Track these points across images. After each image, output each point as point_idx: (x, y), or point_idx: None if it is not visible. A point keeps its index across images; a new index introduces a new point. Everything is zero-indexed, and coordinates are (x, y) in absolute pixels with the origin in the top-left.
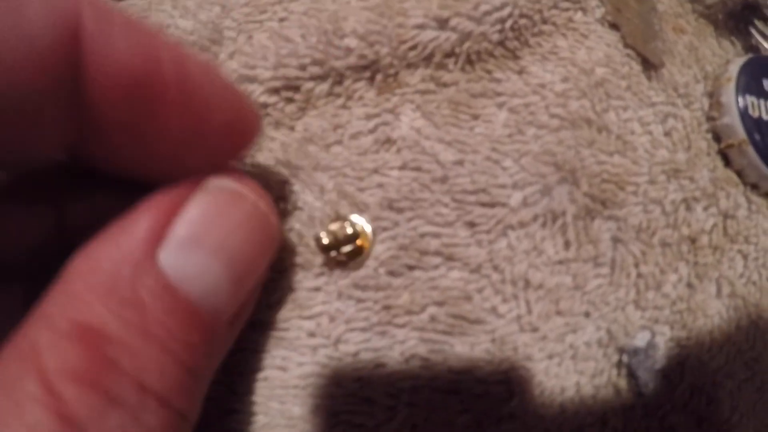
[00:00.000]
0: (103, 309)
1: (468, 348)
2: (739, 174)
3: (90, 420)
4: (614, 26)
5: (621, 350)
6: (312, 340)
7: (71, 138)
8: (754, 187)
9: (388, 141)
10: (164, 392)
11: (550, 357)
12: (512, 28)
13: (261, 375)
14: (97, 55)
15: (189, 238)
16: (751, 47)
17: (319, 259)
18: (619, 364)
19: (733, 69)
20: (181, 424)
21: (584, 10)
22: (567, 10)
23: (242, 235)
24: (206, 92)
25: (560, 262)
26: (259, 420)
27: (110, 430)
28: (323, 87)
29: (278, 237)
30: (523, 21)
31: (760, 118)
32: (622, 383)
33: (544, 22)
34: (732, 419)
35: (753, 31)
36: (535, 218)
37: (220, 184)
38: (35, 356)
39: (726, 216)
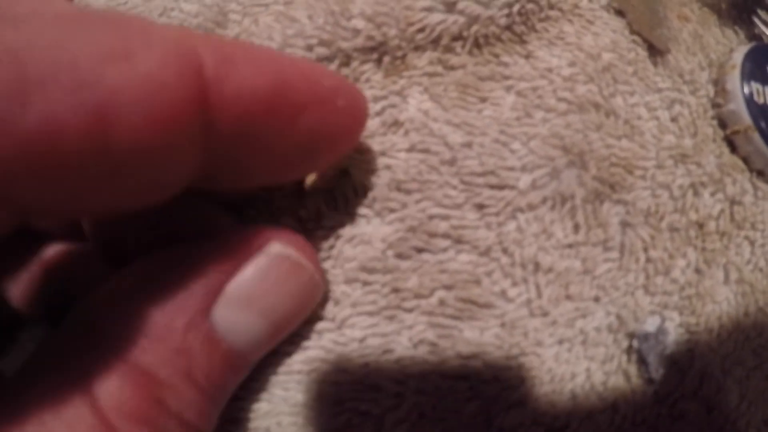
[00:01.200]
0: (157, 355)
1: (477, 333)
2: (745, 160)
3: None
4: (620, 13)
5: (631, 335)
6: (317, 323)
7: (201, 172)
8: (760, 173)
9: (396, 123)
10: (201, 424)
11: (560, 342)
12: (519, 13)
13: (264, 361)
14: (223, 92)
15: (243, 299)
16: (754, 36)
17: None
18: (629, 350)
19: (738, 56)
20: None
21: None
22: None
23: (290, 302)
24: (334, 96)
25: (570, 246)
26: (262, 407)
27: None
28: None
29: (320, 297)
30: (530, 6)
31: (765, 105)
32: (632, 369)
33: (551, 7)
34: (741, 407)
35: (756, 20)
36: (544, 201)
37: (281, 251)
38: (87, 384)
39: (733, 202)
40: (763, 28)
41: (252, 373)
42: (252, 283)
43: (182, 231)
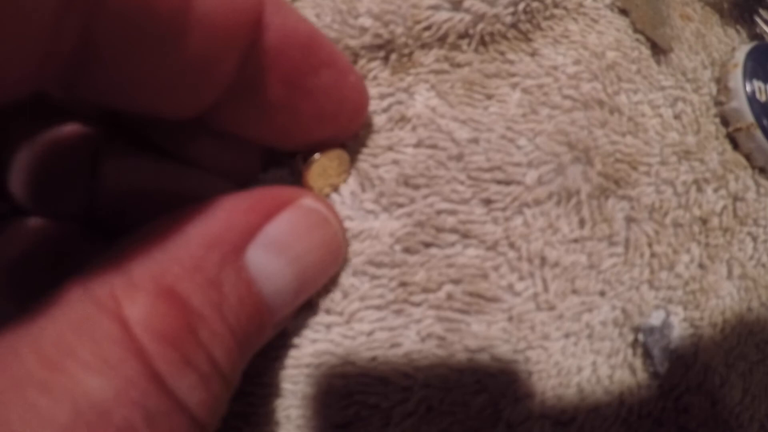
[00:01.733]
0: (190, 282)
1: (485, 326)
2: (748, 157)
3: (169, 375)
4: (623, 12)
5: (636, 329)
6: (326, 317)
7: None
8: (762, 170)
9: (403, 119)
10: (226, 369)
11: (567, 336)
12: (525, 11)
13: (273, 354)
14: (279, 25)
15: (275, 244)
16: (756, 36)
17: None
18: (634, 344)
19: (740, 55)
20: (228, 394)
21: None
22: None
23: (317, 255)
24: (346, 64)
25: (575, 241)
26: (271, 401)
27: (184, 390)
28: None
29: (343, 260)
30: (535, 4)
31: (767, 102)
32: (638, 363)
33: (556, 6)
34: (744, 400)
35: (758, 19)
36: (550, 196)
37: (312, 205)
38: (114, 305)
39: (735, 198)
40: (764, 27)
41: (261, 367)
42: (285, 229)
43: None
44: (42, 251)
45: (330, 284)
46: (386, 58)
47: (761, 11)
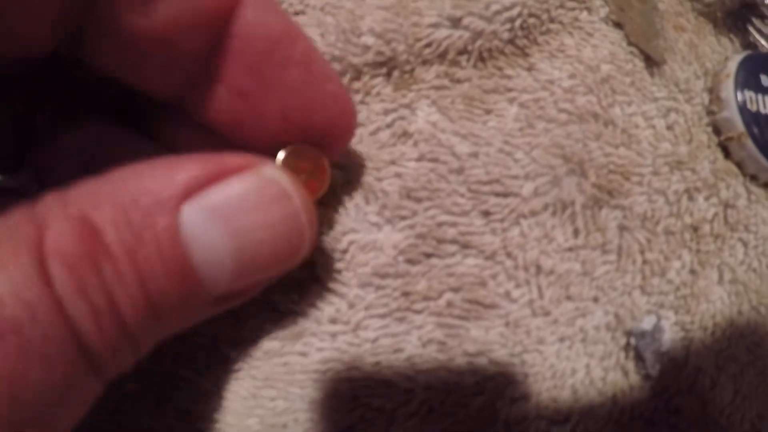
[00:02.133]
0: (108, 218)
1: (483, 332)
2: (739, 165)
3: (63, 294)
4: (618, 25)
5: (628, 333)
6: (332, 326)
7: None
8: (753, 177)
9: (405, 134)
10: (129, 318)
11: (561, 340)
12: (521, 27)
13: (281, 360)
14: (250, 18)
15: (216, 209)
16: (749, 44)
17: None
18: (626, 347)
19: (732, 65)
20: (129, 351)
21: (589, 10)
22: (573, 9)
23: (267, 233)
24: (325, 72)
25: (570, 249)
26: (279, 405)
27: (75, 313)
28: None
29: (303, 252)
30: (531, 20)
31: (758, 112)
32: (630, 365)
33: (552, 21)
34: (735, 401)
35: (751, 29)
36: (545, 207)
37: (272, 175)
38: (42, 219)
39: (726, 205)
40: (757, 36)
41: (268, 372)
42: (232, 196)
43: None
44: None
45: (333, 296)
46: (389, 75)
47: (754, 20)
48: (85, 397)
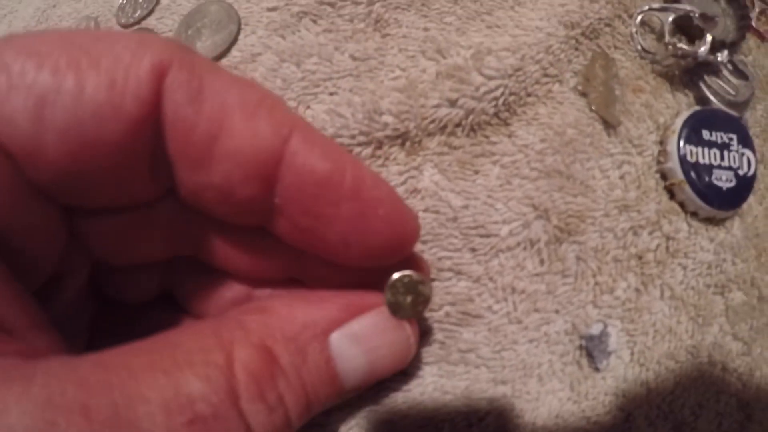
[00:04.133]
0: (283, 347)
1: (472, 335)
2: (681, 205)
3: (245, 399)
4: (583, 94)
5: (581, 337)
6: None
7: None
8: (694, 214)
9: (415, 191)
10: (292, 411)
11: (530, 341)
12: (504, 103)
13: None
14: (298, 165)
15: (356, 335)
16: (702, 99)
17: None
18: (581, 348)
19: (678, 122)
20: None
21: (561, 82)
22: (547, 83)
23: (388, 350)
24: (375, 198)
25: (537, 275)
26: None
27: (252, 413)
28: (368, 151)
29: (409, 360)
30: (512, 98)
31: (696, 162)
32: (584, 361)
33: (528, 95)
34: (675, 392)
35: (702, 85)
36: (518, 244)
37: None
38: (229, 345)
39: (668, 238)
40: (707, 92)
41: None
42: (366, 325)
43: None
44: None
45: None
46: (402, 144)
47: (706, 77)
48: None
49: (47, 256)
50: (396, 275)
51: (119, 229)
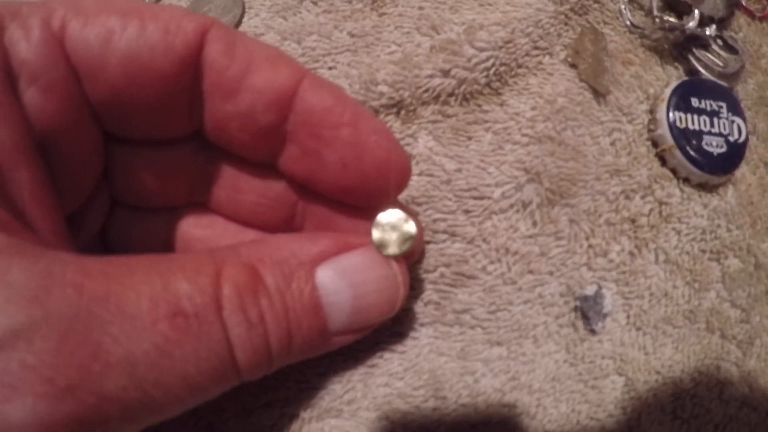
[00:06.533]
0: (270, 270)
1: (467, 296)
2: (673, 171)
3: (227, 309)
4: (573, 65)
5: (576, 298)
6: None
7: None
8: (686, 180)
9: (411, 156)
10: (272, 336)
11: (525, 302)
12: (495, 73)
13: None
14: (308, 97)
15: (343, 269)
16: (692, 71)
17: None
18: (576, 309)
19: (668, 91)
20: (264, 365)
21: (551, 54)
22: (537, 55)
23: (374, 287)
24: (371, 127)
25: (530, 237)
26: None
27: (232, 323)
28: None
29: (399, 304)
30: (503, 68)
31: (686, 128)
32: (579, 323)
33: (519, 66)
34: (674, 357)
35: (691, 58)
36: (511, 206)
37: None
38: (221, 263)
39: (661, 203)
40: (696, 64)
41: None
42: (353, 261)
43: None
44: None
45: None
46: (398, 113)
47: (694, 50)
48: (220, 389)
49: (84, 180)
50: (382, 213)
51: (146, 165)
